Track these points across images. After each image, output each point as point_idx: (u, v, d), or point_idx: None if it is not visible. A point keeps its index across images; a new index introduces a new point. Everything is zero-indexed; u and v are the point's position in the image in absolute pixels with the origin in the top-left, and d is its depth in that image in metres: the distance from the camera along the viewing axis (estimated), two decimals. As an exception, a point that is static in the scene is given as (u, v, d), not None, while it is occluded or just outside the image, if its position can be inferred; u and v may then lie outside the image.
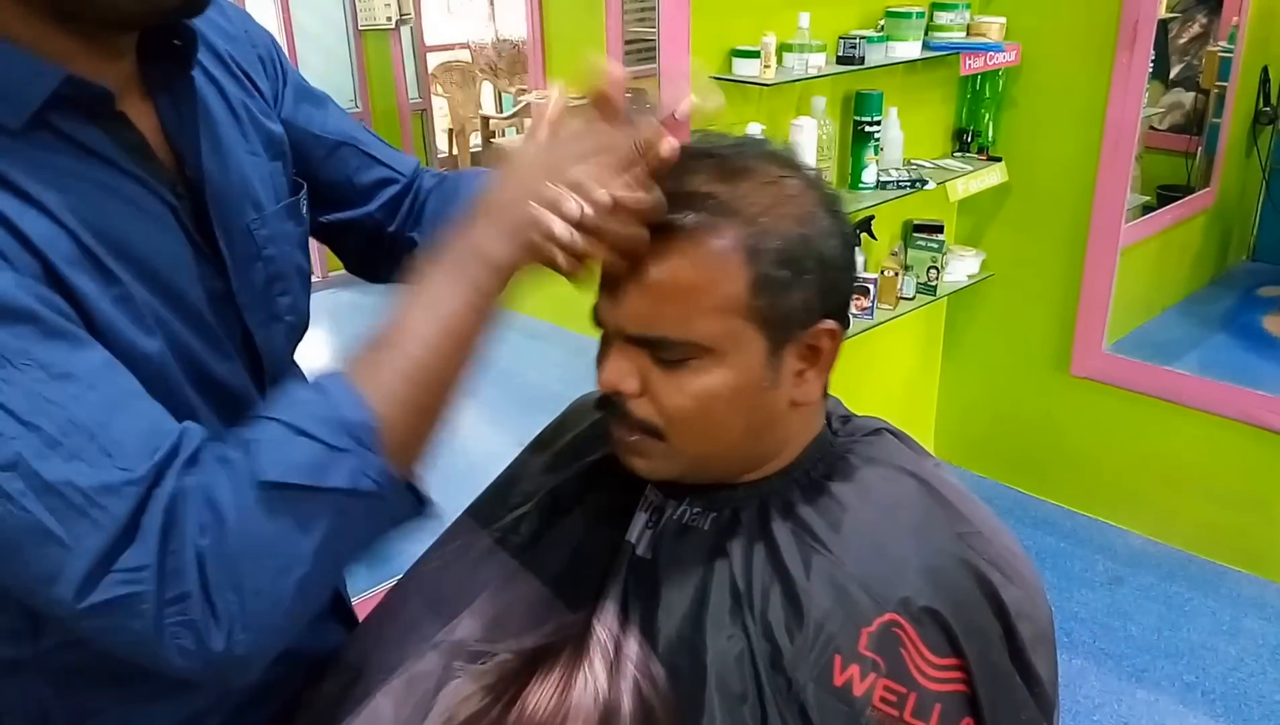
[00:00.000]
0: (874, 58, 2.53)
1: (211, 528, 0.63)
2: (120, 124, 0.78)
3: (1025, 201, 3.05)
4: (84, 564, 0.61)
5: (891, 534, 0.86)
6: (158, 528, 0.62)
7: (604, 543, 0.95)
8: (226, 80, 0.91)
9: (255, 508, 0.64)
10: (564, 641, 0.90)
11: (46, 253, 0.68)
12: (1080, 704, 2.49)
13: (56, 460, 0.62)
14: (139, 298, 0.75)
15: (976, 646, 0.81)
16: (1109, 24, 2.73)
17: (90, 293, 0.70)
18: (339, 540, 0.68)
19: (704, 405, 0.83)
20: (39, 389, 0.63)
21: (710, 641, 0.84)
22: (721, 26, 2.35)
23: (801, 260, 0.82)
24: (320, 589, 0.69)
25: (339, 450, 0.67)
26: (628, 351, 0.84)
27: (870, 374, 3.13)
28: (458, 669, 0.92)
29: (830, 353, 0.87)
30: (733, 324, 0.81)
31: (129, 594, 0.61)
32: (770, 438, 0.89)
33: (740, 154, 0.85)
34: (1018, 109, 3.00)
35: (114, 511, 0.62)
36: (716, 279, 0.80)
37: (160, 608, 0.62)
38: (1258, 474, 2.84)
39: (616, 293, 0.83)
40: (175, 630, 0.62)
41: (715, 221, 0.80)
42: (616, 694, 0.86)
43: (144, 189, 0.78)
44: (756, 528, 0.89)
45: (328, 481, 0.66)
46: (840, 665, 0.79)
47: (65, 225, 0.70)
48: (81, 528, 0.61)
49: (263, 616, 0.64)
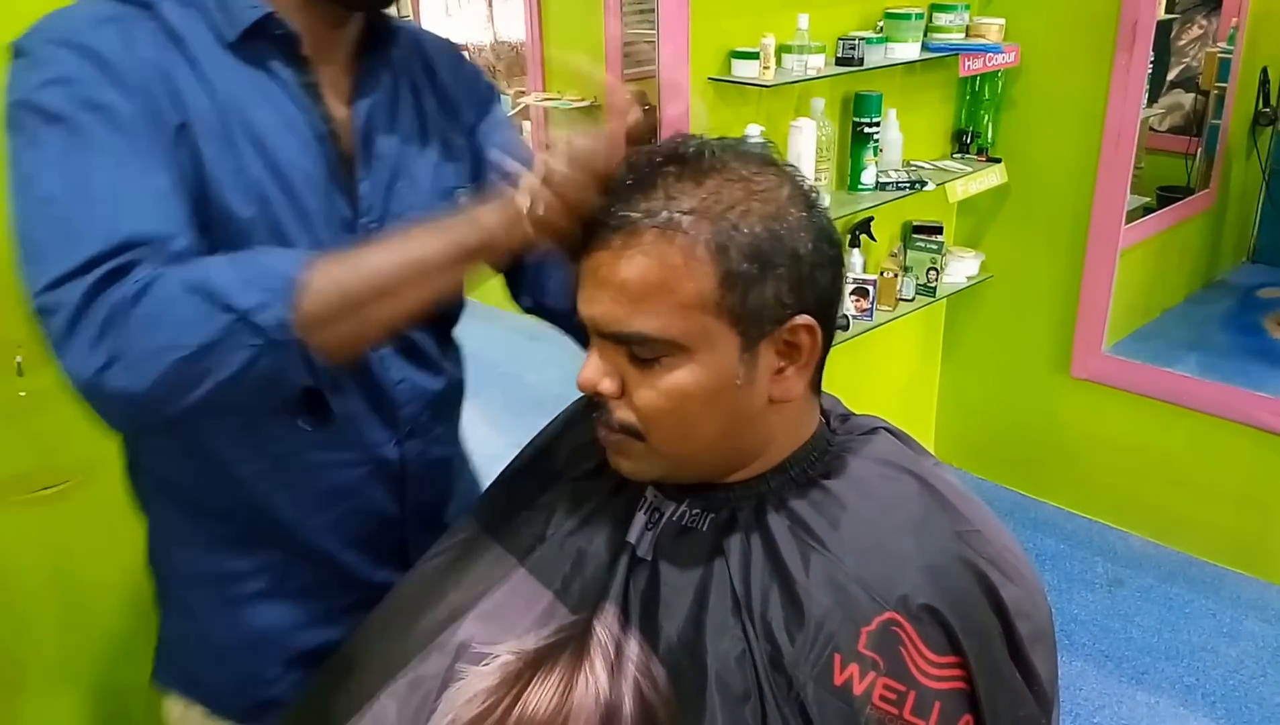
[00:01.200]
0: (873, 59, 2.53)
1: (135, 295, 0.79)
2: (303, 66, 0.98)
3: (1025, 203, 3.05)
4: (46, 280, 0.80)
5: (890, 532, 0.86)
6: (103, 275, 0.79)
7: (605, 543, 0.95)
8: (429, 93, 1.12)
9: (175, 296, 0.79)
10: (565, 642, 0.91)
11: (189, 108, 0.90)
12: (1080, 706, 2.48)
13: (80, 206, 0.82)
14: (259, 182, 0.94)
15: (976, 644, 0.81)
16: (1108, 25, 2.73)
17: (211, 155, 0.91)
18: (220, 353, 0.79)
19: (677, 403, 0.85)
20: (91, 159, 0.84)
21: (711, 642, 0.84)
22: (720, 28, 2.35)
23: (771, 255, 0.82)
24: (180, 389, 0.80)
25: (254, 285, 0.80)
26: (606, 351, 0.87)
27: (869, 376, 3.13)
28: (461, 670, 0.92)
29: (810, 348, 0.87)
30: (703, 320, 0.82)
31: (57, 304, 0.80)
32: (751, 436, 0.90)
33: (713, 153, 0.86)
34: (1017, 110, 3.00)
35: (86, 254, 0.79)
36: (684, 276, 0.81)
37: (72, 323, 0.79)
38: (1258, 476, 2.84)
39: (590, 290, 0.85)
40: (75, 344, 0.79)
41: (682, 219, 0.81)
42: (618, 695, 0.86)
43: (299, 111, 0.98)
44: (755, 528, 0.89)
45: (233, 301, 0.79)
46: (840, 664, 0.80)
47: (217, 101, 0.92)
48: (57, 257, 0.80)
49: (134, 368, 0.79)
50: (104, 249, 0.79)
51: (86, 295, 0.78)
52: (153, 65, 0.89)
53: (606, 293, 0.84)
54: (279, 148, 0.95)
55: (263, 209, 0.94)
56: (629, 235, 0.82)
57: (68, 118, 0.84)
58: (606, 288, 0.83)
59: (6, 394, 1.47)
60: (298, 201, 0.96)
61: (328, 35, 1.00)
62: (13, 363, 1.45)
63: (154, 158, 0.86)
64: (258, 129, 0.94)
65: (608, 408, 0.88)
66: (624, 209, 0.83)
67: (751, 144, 0.90)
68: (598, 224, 0.85)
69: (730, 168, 0.85)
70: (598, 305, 0.85)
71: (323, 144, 0.99)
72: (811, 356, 0.88)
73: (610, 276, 0.83)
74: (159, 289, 0.79)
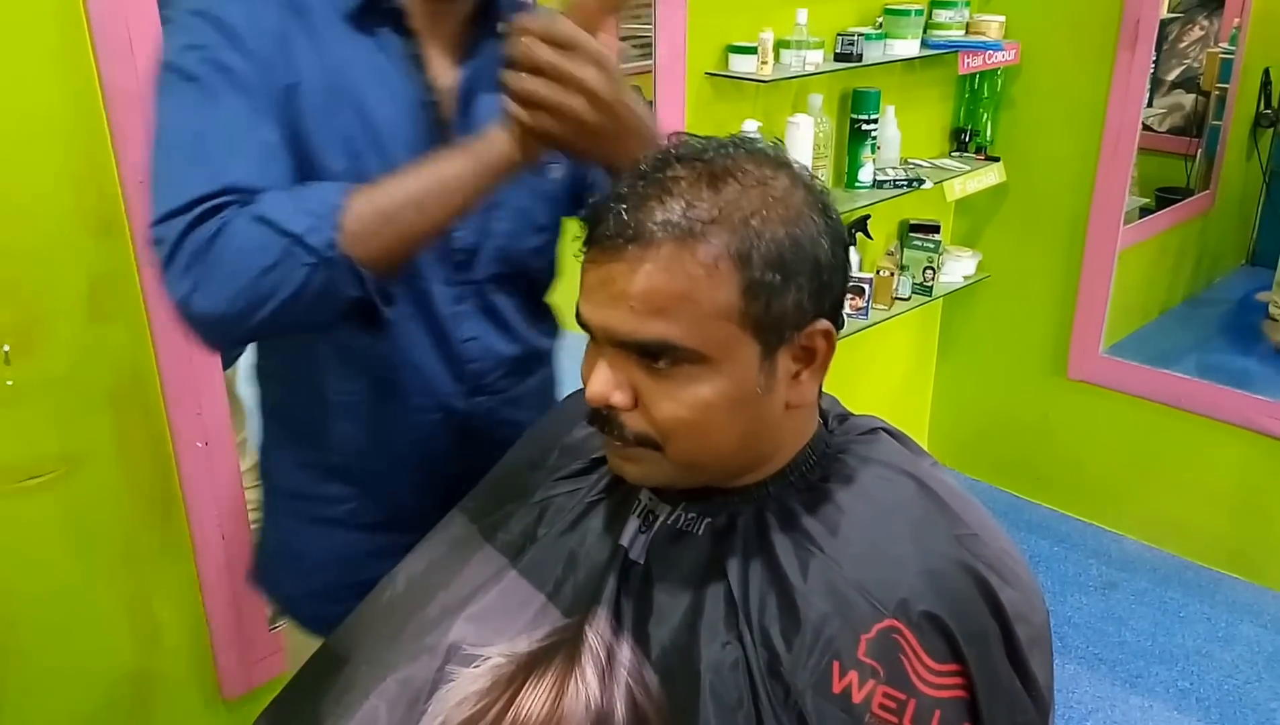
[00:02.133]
0: (872, 55, 2.52)
1: (216, 231, 0.90)
2: (411, 37, 1.07)
3: (1023, 202, 3.04)
4: (157, 214, 0.92)
5: (889, 537, 0.85)
6: (199, 213, 0.91)
7: (597, 545, 0.94)
8: None
9: (243, 228, 0.90)
10: (557, 646, 0.90)
11: (300, 71, 1.01)
12: (1074, 709, 2.48)
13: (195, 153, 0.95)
14: (353, 139, 1.04)
15: (976, 651, 0.80)
16: (1110, 23, 2.72)
17: (311, 113, 1.02)
18: (281, 272, 0.90)
19: (700, 414, 0.82)
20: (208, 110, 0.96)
21: (705, 649, 0.83)
22: (718, 22, 2.33)
23: (792, 263, 0.80)
24: (252, 307, 0.90)
25: (305, 212, 0.91)
26: (615, 360, 0.83)
27: (864, 375, 3.12)
28: (451, 672, 0.91)
29: (825, 353, 0.86)
30: (726, 330, 0.80)
31: (162, 236, 0.91)
32: (767, 441, 0.88)
33: (726, 156, 0.83)
34: (1016, 108, 2.99)
35: (191, 195, 0.91)
36: (708, 286, 0.79)
37: (171, 254, 0.90)
38: (1255, 479, 2.83)
39: (602, 298, 0.82)
40: (171, 272, 0.91)
41: (704, 228, 0.79)
42: (609, 700, 0.85)
43: (401, 79, 1.07)
44: (753, 533, 0.88)
45: (288, 226, 0.89)
46: (839, 672, 0.79)
47: (326, 67, 1.03)
48: (169, 196, 0.92)
49: (212, 291, 0.90)
50: (205, 191, 0.91)
51: (184, 231, 0.90)
52: (272, 33, 1.01)
53: (623, 303, 0.80)
54: (376, 109, 1.05)
55: (353, 163, 1.04)
56: (645, 246, 0.79)
57: (199, 77, 0.97)
58: (623, 298, 0.80)
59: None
60: (389, 159, 1.03)
61: (436, 9, 1.09)
62: (0, 351, 1.45)
63: (266, 116, 0.99)
64: (358, 92, 1.05)
65: (618, 419, 0.85)
66: (638, 217, 0.80)
67: (761, 144, 0.88)
68: (604, 234, 0.82)
69: (745, 171, 0.82)
70: (612, 314, 0.81)
71: (423, 110, 1.08)
72: (826, 360, 0.87)
73: (627, 287, 0.79)
74: (233, 224, 0.90)
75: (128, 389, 1.61)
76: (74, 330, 1.52)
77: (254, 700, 1.89)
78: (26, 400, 1.50)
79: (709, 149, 0.84)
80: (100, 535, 1.65)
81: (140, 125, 1.46)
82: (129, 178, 1.50)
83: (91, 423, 1.58)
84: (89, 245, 1.51)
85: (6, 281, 1.44)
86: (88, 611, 1.67)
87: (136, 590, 1.72)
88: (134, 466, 1.65)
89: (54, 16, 1.40)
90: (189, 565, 1.76)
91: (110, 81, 1.45)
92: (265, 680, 1.91)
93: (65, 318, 1.51)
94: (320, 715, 0.96)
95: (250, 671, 1.89)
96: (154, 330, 1.59)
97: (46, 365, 1.50)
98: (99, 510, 1.63)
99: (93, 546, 1.64)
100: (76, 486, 1.59)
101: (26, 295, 1.46)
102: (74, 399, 1.55)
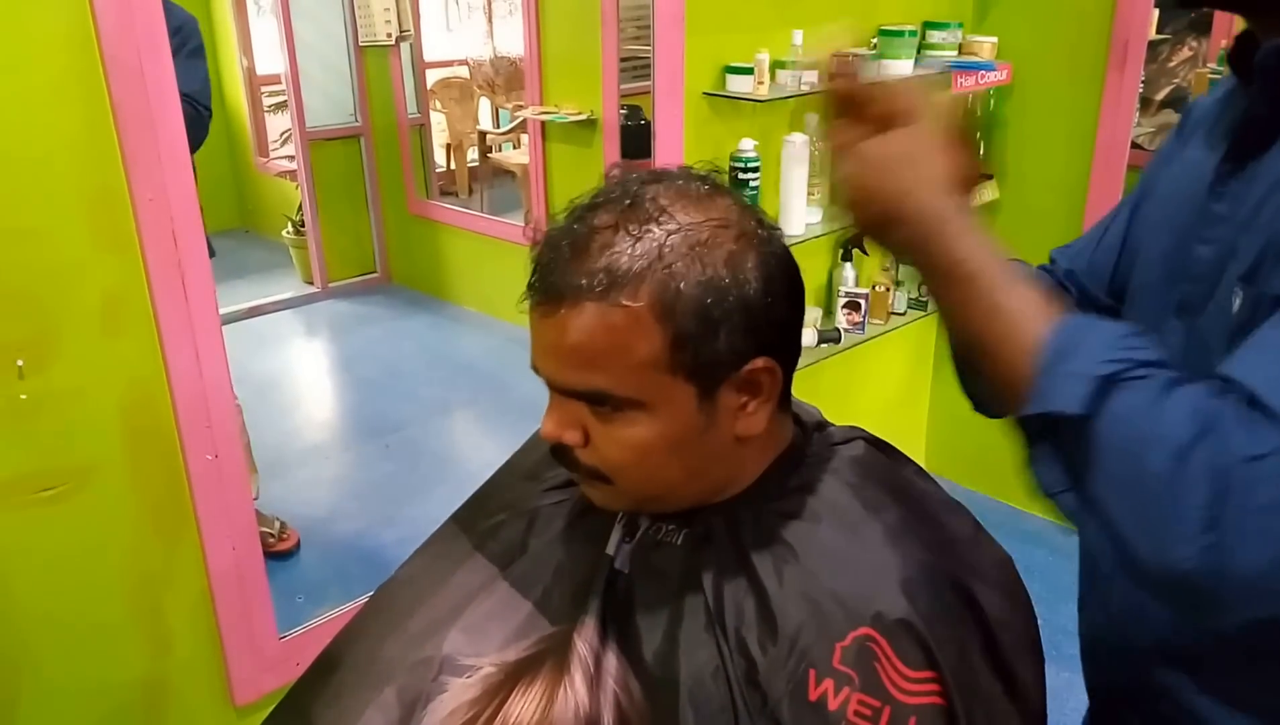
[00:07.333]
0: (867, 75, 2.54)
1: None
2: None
3: (1016, 220, 3.06)
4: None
5: (865, 545, 0.86)
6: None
7: (584, 555, 0.96)
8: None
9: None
10: (545, 654, 0.91)
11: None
12: (1067, 717, 2.48)
13: None
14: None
15: (953, 658, 0.81)
16: (1100, 44, 2.76)
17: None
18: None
19: (640, 456, 0.84)
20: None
21: (685, 657, 0.84)
22: (715, 43, 2.37)
23: (716, 309, 0.80)
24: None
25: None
26: (566, 403, 0.85)
27: (861, 389, 3.14)
28: (444, 683, 0.92)
29: (771, 386, 0.86)
30: (657, 378, 0.81)
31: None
32: (721, 470, 0.90)
33: (652, 200, 0.82)
34: (1009, 128, 3.02)
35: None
36: (632, 340, 0.79)
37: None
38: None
39: (541, 350, 0.84)
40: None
41: (625, 283, 0.78)
42: (596, 708, 0.86)
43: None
44: (729, 541, 0.89)
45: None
46: (815, 680, 0.80)
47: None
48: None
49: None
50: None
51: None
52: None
53: (558, 355, 0.82)
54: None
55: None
56: (570, 305, 0.79)
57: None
58: (557, 352, 0.82)
59: (7, 397, 1.48)
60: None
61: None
62: (14, 366, 1.46)
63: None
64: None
65: (572, 454, 0.87)
66: (562, 276, 0.80)
67: (693, 174, 0.87)
68: (536, 289, 0.83)
69: (669, 214, 0.81)
70: (552, 362, 0.83)
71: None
72: (773, 391, 0.87)
73: (560, 342, 0.81)
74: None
75: (138, 402, 1.62)
76: (86, 345, 1.54)
77: (264, 707, 1.89)
78: (39, 414, 1.51)
79: (637, 192, 0.83)
80: (112, 546, 1.66)
81: (150, 145, 1.49)
82: (139, 196, 1.52)
83: (103, 436, 1.60)
84: (101, 262, 1.52)
85: (21, 297, 1.46)
86: (99, 622, 1.68)
87: (148, 600, 1.73)
88: (145, 479, 1.66)
89: (65, 40, 1.42)
90: (200, 575, 1.77)
91: (120, 103, 1.47)
92: (276, 687, 1.92)
93: (77, 333, 1.52)
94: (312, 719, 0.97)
95: (260, 679, 1.90)
96: (164, 344, 1.61)
97: (59, 379, 1.52)
98: (111, 522, 1.64)
99: (104, 557, 1.65)
100: (88, 498, 1.60)
101: (40, 311, 1.48)
102: (86, 412, 1.57)
